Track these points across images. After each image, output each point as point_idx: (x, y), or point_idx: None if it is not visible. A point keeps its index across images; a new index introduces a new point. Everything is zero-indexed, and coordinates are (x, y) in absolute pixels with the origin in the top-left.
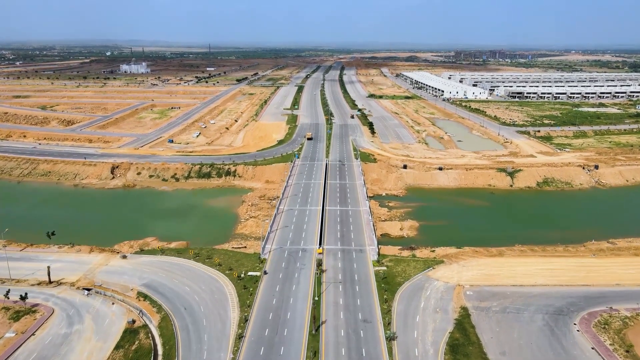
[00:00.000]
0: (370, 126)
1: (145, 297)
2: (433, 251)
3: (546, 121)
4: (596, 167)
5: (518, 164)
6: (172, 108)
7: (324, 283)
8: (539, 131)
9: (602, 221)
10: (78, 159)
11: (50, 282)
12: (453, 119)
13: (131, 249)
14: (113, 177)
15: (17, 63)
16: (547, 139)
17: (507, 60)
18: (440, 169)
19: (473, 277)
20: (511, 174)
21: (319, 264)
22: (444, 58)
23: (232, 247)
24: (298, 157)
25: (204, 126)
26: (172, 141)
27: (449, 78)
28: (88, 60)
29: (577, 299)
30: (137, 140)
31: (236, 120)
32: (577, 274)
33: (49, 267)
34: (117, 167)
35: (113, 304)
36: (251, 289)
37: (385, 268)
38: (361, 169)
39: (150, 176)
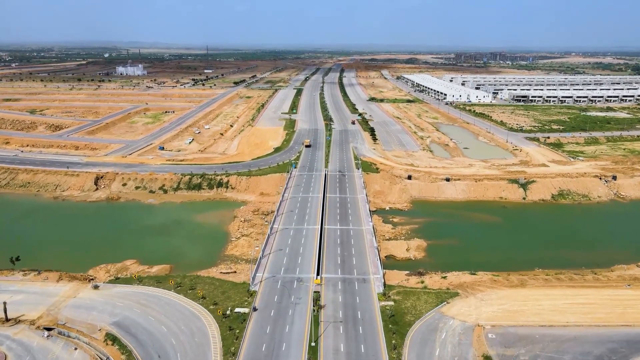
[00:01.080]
0: (372, 132)
1: (114, 339)
2: (444, 277)
3: (554, 126)
4: (614, 177)
5: (530, 174)
6: (166, 112)
7: (322, 323)
8: (548, 137)
9: (627, 239)
10: (60, 169)
11: (7, 319)
12: (458, 124)
13: (107, 274)
14: (97, 189)
15: (13, 65)
16: (557, 145)
17: (508, 62)
18: (448, 179)
19: (494, 314)
20: (524, 186)
21: (317, 298)
22: (444, 60)
23: (221, 272)
24: (295, 167)
25: (197, 132)
26: (162, 148)
27: (451, 81)
28: (85, 62)
29: (619, 344)
30: (125, 147)
31: (231, 126)
32: (614, 310)
33: (5, 304)
34: (101, 177)
35: (76, 349)
36: (237, 331)
37: (392, 303)
38: (363, 181)
39: (137, 187)
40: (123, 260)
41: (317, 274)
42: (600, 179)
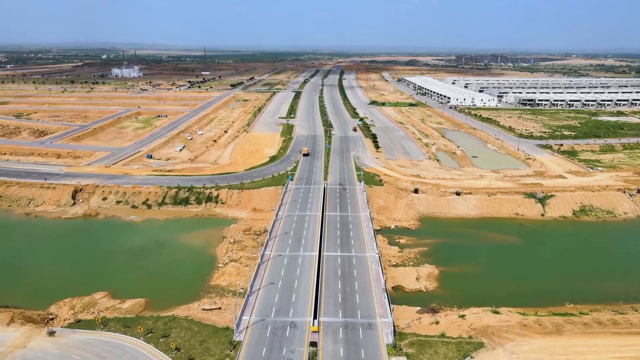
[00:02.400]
0: (374, 139)
1: None
2: (463, 317)
3: (566, 132)
4: (639, 191)
5: (548, 187)
6: (158, 116)
7: None
8: (561, 145)
9: None
10: (37, 180)
11: None
12: (464, 130)
13: (71, 312)
14: (74, 203)
15: (8, 66)
16: (571, 154)
17: (509, 64)
18: (458, 193)
19: None
20: (542, 201)
21: (314, 354)
22: (445, 62)
23: (203, 309)
24: (292, 179)
25: (189, 138)
26: (150, 156)
27: (453, 83)
28: (81, 64)
29: None
30: (111, 156)
31: (226, 131)
32: None
33: None
34: (80, 190)
35: None
36: None
37: (404, 359)
38: (365, 195)
39: (118, 202)
40: (92, 293)
41: (314, 317)
42: (624, 192)
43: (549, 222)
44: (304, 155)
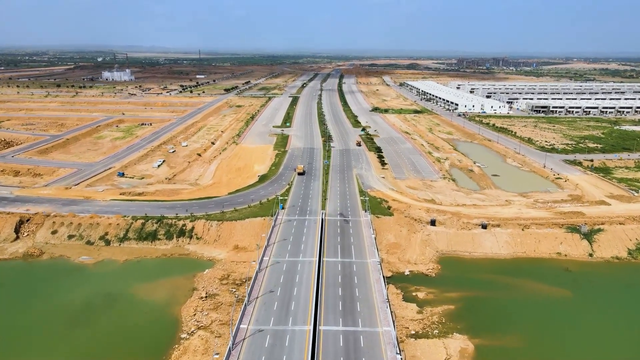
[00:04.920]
0: (379, 152)
1: None
2: None
3: (590, 144)
4: None
5: (591, 217)
6: (142, 124)
7: None
8: (592, 161)
9: None
10: None
11: None
12: (477, 141)
13: None
14: (17, 238)
15: None
16: (604, 171)
17: (511, 68)
18: (484, 226)
19: None
20: (588, 237)
21: None
22: (445, 66)
23: None
24: (282, 208)
25: (172, 150)
26: (122, 174)
27: (458, 88)
28: (73, 67)
29: None
30: (77, 173)
31: (213, 143)
32: None
33: None
34: (26, 221)
35: None
36: None
37: None
38: (373, 230)
39: (70, 237)
40: None
41: None
42: None
43: (600, 265)
44: (299, 174)
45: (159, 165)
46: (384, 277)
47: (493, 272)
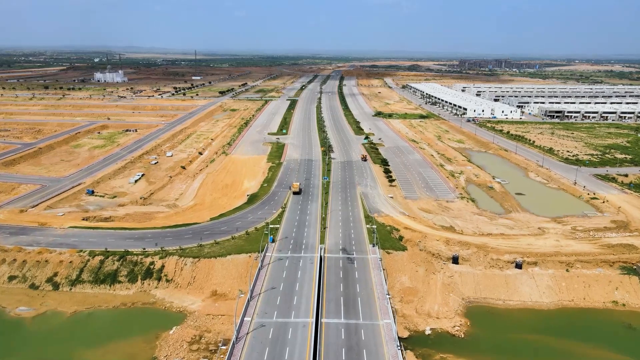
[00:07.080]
0: (385, 165)
1: None
2: None
3: (618, 155)
4: None
5: None
6: (126, 131)
7: None
8: (626, 175)
9: None
10: None
11: None
12: (492, 152)
13: None
14: None
15: None
16: (638, 187)
17: (514, 70)
18: (519, 265)
19: None
20: None
21: None
22: (447, 67)
23: None
24: (273, 240)
25: (154, 162)
26: (92, 192)
27: (463, 90)
28: (65, 68)
29: None
30: (40, 191)
31: (201, 153)
32: None
33: None
34: None
35: None
36: None
37: None
38: (383, 272)
39: (11, 278)
40: None
41: None
42: None
43: None
44: (294, 193)
45: (136, 181)
46: (402, 348)
47: (537, 331)
